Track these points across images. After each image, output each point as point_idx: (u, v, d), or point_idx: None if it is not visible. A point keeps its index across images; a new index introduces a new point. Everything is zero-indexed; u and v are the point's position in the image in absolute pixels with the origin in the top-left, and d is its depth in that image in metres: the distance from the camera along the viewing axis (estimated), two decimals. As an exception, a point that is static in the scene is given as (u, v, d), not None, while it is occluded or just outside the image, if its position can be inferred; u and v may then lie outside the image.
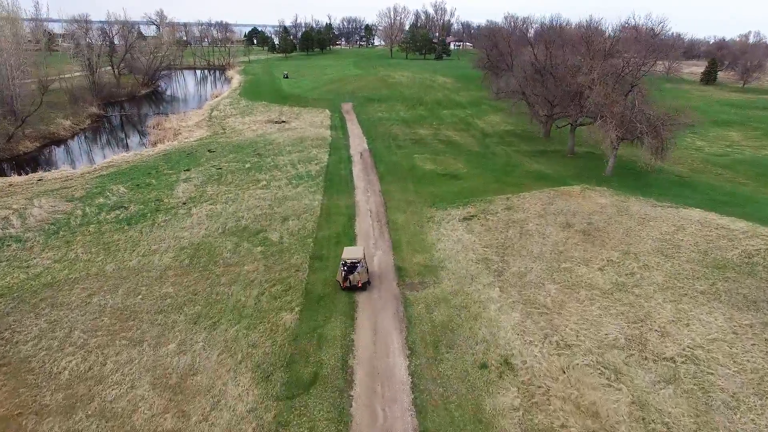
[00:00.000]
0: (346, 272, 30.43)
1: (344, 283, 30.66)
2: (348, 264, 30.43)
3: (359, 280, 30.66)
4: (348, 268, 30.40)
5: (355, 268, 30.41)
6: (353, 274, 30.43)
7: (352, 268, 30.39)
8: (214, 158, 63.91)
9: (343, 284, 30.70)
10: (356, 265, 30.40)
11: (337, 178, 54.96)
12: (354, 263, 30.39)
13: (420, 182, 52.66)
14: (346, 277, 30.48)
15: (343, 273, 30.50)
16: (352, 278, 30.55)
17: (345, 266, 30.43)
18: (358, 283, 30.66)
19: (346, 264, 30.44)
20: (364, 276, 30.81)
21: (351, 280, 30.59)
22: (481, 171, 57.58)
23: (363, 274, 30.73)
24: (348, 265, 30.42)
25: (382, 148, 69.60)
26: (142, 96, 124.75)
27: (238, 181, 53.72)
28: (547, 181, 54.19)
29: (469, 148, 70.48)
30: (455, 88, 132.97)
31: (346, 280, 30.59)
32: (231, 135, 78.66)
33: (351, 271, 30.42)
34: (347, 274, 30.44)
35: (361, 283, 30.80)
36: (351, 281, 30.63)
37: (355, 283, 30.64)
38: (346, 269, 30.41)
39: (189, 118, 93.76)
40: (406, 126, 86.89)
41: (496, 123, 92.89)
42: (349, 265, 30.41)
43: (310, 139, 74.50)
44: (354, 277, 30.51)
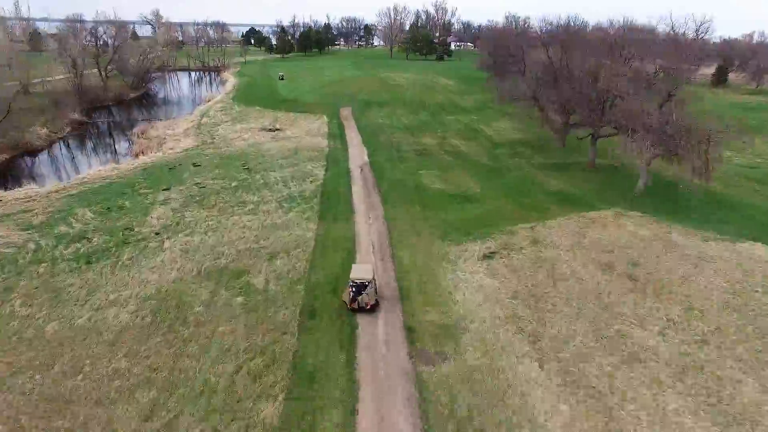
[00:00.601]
0: (355, 293, 27.96)
1: (352, 304, 28.25)
2: (357, 284, 27.86)
3: (368, 302, 28.19)
4: (357, 288, 27.87)
5: (365, 289, 27.88)
6: (362, 295, 27.95)
7: (362, 288, 27.87)
8: (199, 173, 56.89)
9: (351, 305, 28.30)
10: (366, 286, 27.87)
11: (334, 199, 47.97)
12: (363, 283, 27.88)
13: (428, 206, 45.69)
14: (354, 298, 28.06)
15: (352, 294, 28.01)
16: (360, 300, 28.05)
17: (354, 286, 27.89)
18: (366, 304, 28.19)
19: (355, 284, 27.89)
20: (372, 297, 28.39)
21: (359, 301, 28.08)
22: (496, 191, 50.62)
23: (372, 296, 28.34)
24: (357, 286, 27.87)
25: (384, 160, 62.60)
26: (131, 100, 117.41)
27: (222, 204, 46.72)
28: (572, 203, 47.30)
29: (479, 161, 63.49)
30: (458, 90, 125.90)
31: (355, 301, 28.13)
32: (220, 145, 71.57)
33: (360, 292, 27.94)
34: (356, 295, 28.00)
35: (370, 305, 28.33)
36: (359, 303, 28.12)
37: (363, 305, 28.14)
38: (354, 290, 27.90)
39: (177, 125, 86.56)
40: (409, 134, 79.86)
41: (505, 130, 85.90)
42: (359, 285, 27.87)
43: (305, 150, 67.46)
44: (363, 299, 28.03)
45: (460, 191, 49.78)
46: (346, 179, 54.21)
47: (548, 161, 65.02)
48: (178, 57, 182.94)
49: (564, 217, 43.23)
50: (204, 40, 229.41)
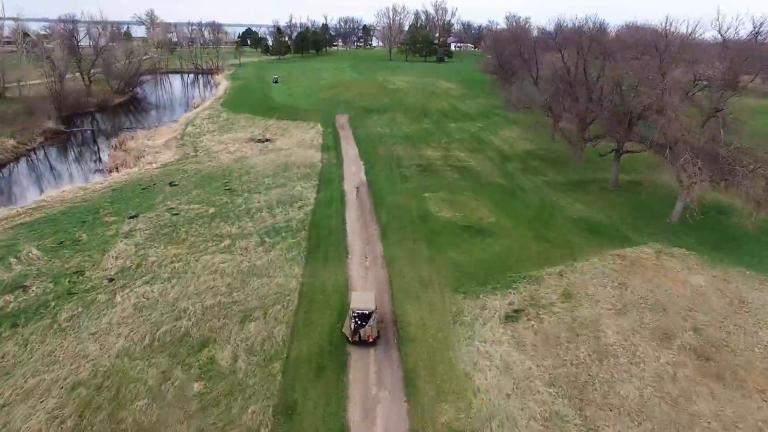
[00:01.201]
0: (357, 325, 25.63)
1: (353, 337, 25.86)
2: (359, 315, 25.58)
3: (370, 335, 25.83)
4: (359, 320, 25.57)
5: (368, 320, 25.55)
6: (364, 327, 25.58)
7: (364, 319, 25.56)
8: (175, 195, 49.67)
9: (352, 338, 25.88)
10: (369, 316, 25.57)
11: (325, 231, 40.74)
12: (366, 314, 25.58)
13: (436, 241, 38.47)
14: (356, 330, 25.69)
15: (353, 326, 25.70)
16: (362, 333, 25.64)
17: (356, 318, 25.63)
18: (368, 337, 25.84)
19: (357, 315, 25.61)
20: (375, 330, 26.01)
21: (362, 334, 25.66)
22: (512, 219, 43.44)
23: (374, 328, 25.95)
24: (359, 317, 25.58)
25: (383, 179, 55.37)
26: (116, 105, 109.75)
27: (194, 238, 39.51)
28: (601, 235, 40.16)
29: (490, 180, 56.28)
30: (461, 95, 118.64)
31: (356, 334, 25.74)
32: (203, 159, 64.29)
33: (362, 324, 25.61)
34: (358, 328, 25.66)
35: (372, 338, 25.90)
36: (361, 336, 25.70)
37: (365, 337, 25.79)
38: (357, 322, 25.61)
39: (159, 134, 79.21)
40: (411, 145, 72.61)
41: (513, 140, 78.73)
42: (361, 315, 25.56)
43: (296, 165, 60.20)
44: (365, 331, 25.70)
45: (471, 221, 42.55)
46: (340, 204, 46.97)
47: (565, 179, 57.87)
48: (170, 59, 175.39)
49: (596, 255, 36.07)
50: (200, 42, 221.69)
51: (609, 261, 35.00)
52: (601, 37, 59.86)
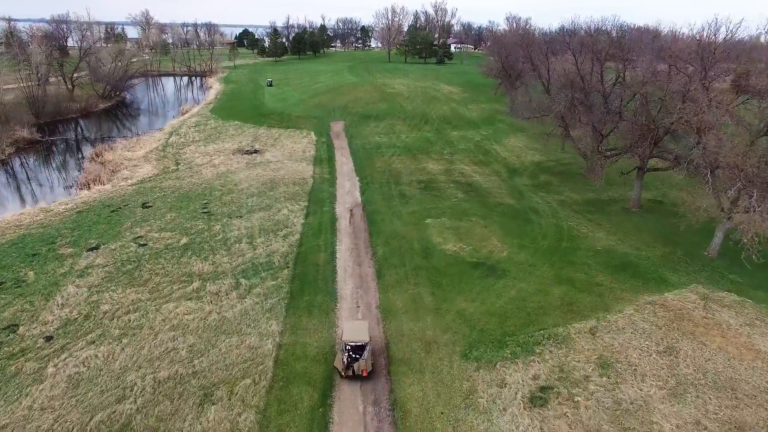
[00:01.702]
0: (350, 359, 23.48)
1: (346, 372, 23.58)
2: (352, 347, 23.61)
3: (364, 369, 23.54)
4: (353, 352, 23.57)
5: (362, 352, 23.56)
6: (358, 361, 23.38)
7: (358, 352, 23.58)
8: (146, 220, 43.69)
9: (345, 373, 23.59)
10: (363, 348, 23.65)
11: (312, 270, 34.69)
12: (360, 346, 23.63)
13: (441, 284, 32.45)
14: (349, 365, 23.44)
15: (346, 360, 23.51)
16: (356, 367, 23.42)
17: (349, 351, 23.61)
18: (363, 372, 23.56)
19: (350, 348, 23.62)
20: (369, 363, 23.70)
21: (355, 369, 23.42)
22: (528, 253, 37.43)
23: (369, 361, 23.66)
24: (352, 349, 23.62)
25: (380, 199, 49.36)
26: (101, 111, 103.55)
27: (159, 278, 33.51)
28: (633, 274, 34.18)
29: (498, 199, 50.32)
30: (463, 99, 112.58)
31: (349, 369, 23.49)
32: (184, 174, 58.24)
33: (356, 358, 23.50)
34: (351, 362, 23.46)
35: (367, 372, 23.60)
36: (355, 370, 23.46)
37: (359, 372, 23.54)
38: (350, 355, 23.52)
39: (140, 145, 73.12)
40: (410, 157, 66.64)
41: (520, 150, 72.81)
42: (354, 348, 23.62)
43: (284, 182, 54.17)
44: (359, 365, 23.47)
45: (481, 255, 36.53)
46: (331, 233, 40.95)
47: (581, 197, 51.95)
48: (162, 61, 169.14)
49: (631, 303, 30.09)
50: (195, 43, 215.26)
51: (648, 312, 29.02)
52: (622, 41, 53.90)
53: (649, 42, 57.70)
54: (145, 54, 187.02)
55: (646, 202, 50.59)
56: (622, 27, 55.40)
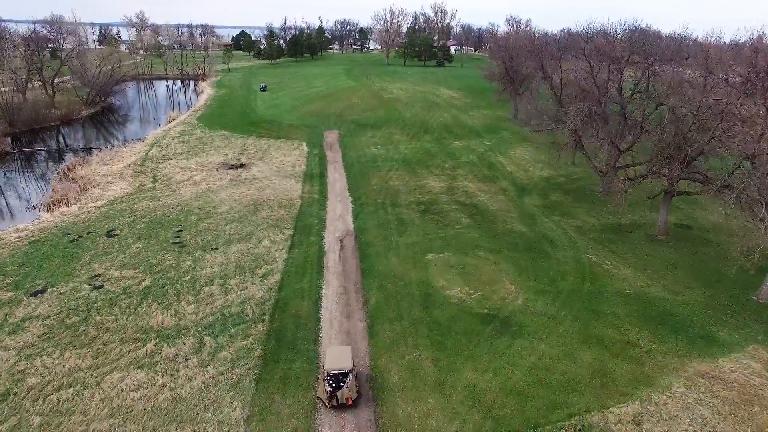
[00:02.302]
0: (333, 388, 21.72)
1: (330, 402, 21.64)
2: (333, 376, 21.96)
3: (348, 397, 21.70)
4: (334, 382, 21.86)
5: (345, 380, 21.95)
6: (342, 389, 21.65)
7: (340, 379, 21.90)
8: (108, 253, 37.95)
9: (329, 403, 21.67)
10: (346, 375, 22.10)
11: (291, 325, 28.88)
12: (343, 374, 22.06)
13: (445, 347, 26.62)
14: (332, 394, 21.63)
15: (329, 390, 21.68)
16: (340, 395, 21.63)
17: (329, 380, 21.91)
18: (347, 400, 21.67)
19: (332, 376, 21.97)
20: (353, 390, 21.96)
21: (339, 397, 21.61)
22: (546, 300, 31.63)
23: (353, 388, 21.93)
24: (333, 378, 21.93)
25: (375, 226, 43.58)
26: (84, 118, 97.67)
27: (108, 336, 27.75)
28: (674, 330, 28.44)
29: (508, 225, 44.57)
30: (464, 105, 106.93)
31: (333, 398, 21.63)
32: (160, 194, 52.47)
33: (339, 386, 21.78)
34: (334, 391, 21.70)
35: (351, 399, 21.70)
36: (339, 399, 21.61)
37: (343, 401, 21.63)
38: (332, 385, 21.78)
39: (118, 158, 67.30)
40: (409, 172, 60.92)
41: (527, 163, 67.12)
42: (335, 377, 21.95)
43: (269, 204, 48.41)
44: (343, 393, 21.67)
45: (492, 304, 30.74)
46: (317, 272, 35.15)
47: (599, 221, 46.24)
48: (155, 64, 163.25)
49: (680, 377, 24.31)
50: (189, 45, 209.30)
51: (704, 390, 23.27)
52: (645, 46, 48.18)
53: (675, 48, 51.91)
54: (139, 57, 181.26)
55: (672, 227, 44.91)
56: (645, 31, 49.65)
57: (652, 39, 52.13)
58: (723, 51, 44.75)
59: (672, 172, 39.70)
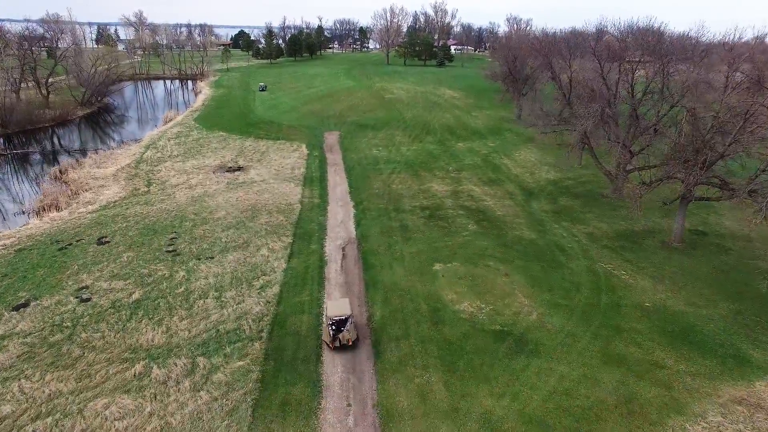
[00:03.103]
0: (335, 331, 25.21)
1: (333, 344, 25.26)
2: (336, 321, 25.26)
3: (349, 339, 25.39)
4: (336, 326, 25.23)
5: (345, 325, 25.29)
6: (342, 332, 25.21)
7: (341, 324, 25.27)
8: (97, 263, 35.85)
9: (332, 345, 25.29)
10: (346, 321, 25.37)
11: (291, 344, 26.82)
12: (343, 320, 25.31)
13: (457, 368, 24.57)
14: (335, 336, 25.22)
15: (332, 332, 25.20)
16: (341, 337, 25.23)
17: (333, 324, 25.26)
18: (348, 341, 25.38)
19: (334, 321, 25.28)
20: (353, 333, 25.74)
21: (341, 339, 25.23)
22: (562, 315, 29.59)
23: (352, 332, 25.64)
24: (336, 323, 25.26)
25: (378, 233, 41.51)
26: (80, 119, 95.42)
27: (94, 356, 25.64)
28: (700, 347, 26.42)
29: (517, 232, 42.52)
30: (466, 105, 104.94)
31: (336, 340, 25.24)
32: (154, 199, 50.37)
33: (340, 330, 25.25)
34: (336, 333, 25.23)
35: (351, 341, 25.47)
36: (341, 341, 25.25)
37: (345, 342, 25.33)
38: (334, 328, 25.23)
39: (113, 160, 65.15)
40: (412, 174, 58.88)
41: (533, 165, 65.13)
42: (338, 322, 25.26)
43: (267, 210, 46.36)
44: (344, 336, 25.26)
45: (505, 320, 28.70)
46: (318, 284, 33.08)
47: (611, 228, 44.19)
48: (153, 63, 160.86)
49: (714, 403, 22.26)
50: (188, 45, 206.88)
51: (742, 420, 21.24)
52: (658, 45, 46.04)
53: (690, 46, 49.87)
54: (136, 56, 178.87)
55: (687, 233, 42.88)
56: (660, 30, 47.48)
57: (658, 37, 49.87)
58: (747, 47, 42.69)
59: (690, 176, 37.70)
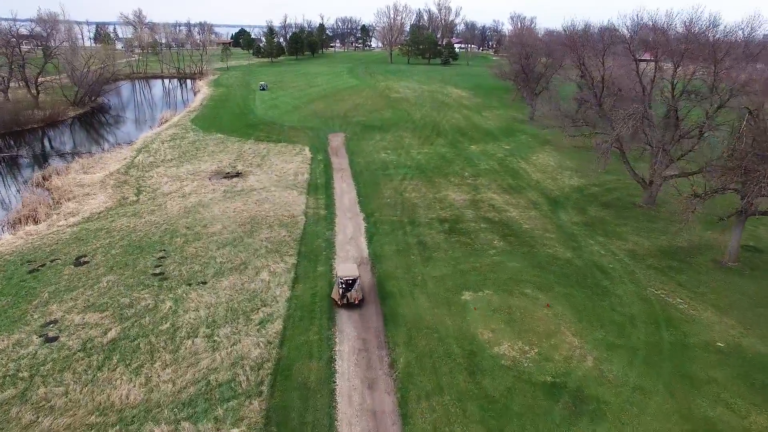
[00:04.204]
0: (344, 290, 27.52)
1: (341, 301, 27.62)
2: (344, 282, 27.46)
3: (356, 297, 27.70)
4: (345, 285, 27.48)
5: (353, 286, 27.65)
6: (351, 291, 27.56)
7: (350, 285, 27.57)
8: (71, 289, 30.63)
9: (341, 302, 27.61)
10: (354, 282, 27.70)
11: (297, 402, 21.50)
12: (351, 281, 27.58)
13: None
14: (344, 294, 27.56)
15: (341, 291, 27.53)
16: (349, 296, 27.58)
17: (343, 284, 27.50)
18: (355, 300, 27.64)
19: (344, 281, 27.49)
20: (359, 293, 28.03)
21: (349, 297, 27.59)
22: (622, 359, 24.29)
23: (359, 291, 27.99)
24: (345, 283, 27.48)
25: (394, 254, 36.11)
26: (72, 119, 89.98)
27: (49, 422, 20.36)
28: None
29: (550, 250, 37.14)
30: (475, 105, 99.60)
31: (344, 298, 27.57)
32: (143, 209, 45.10)
33: (349, 289, 27.60)
34: (345, 292, 27.56)
35: (358, 299, 27.78)
36: (348, 299, 27.59)
37: (352, 300, 27.60)
38: (344, 287, 27.51)
39: (102, 164, 59.83)
40: (426, 181, 53.60)
41: (554, 170, 59.81)
42: (347, 282, 27.49)
43: (268, 222, 41.09)
44: (351, 295, 27.58)
45: (556, 367, 23.44)
46: (328, 318, 27.71)
47: (652, 244, 38.90)
48: (151, 62, 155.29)
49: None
50: (187, 43, 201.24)
51: None
52: (708, 38, 40.60)
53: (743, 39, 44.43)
54: (135, 55, 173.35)
55: (752, 258, 37.57)
56: (714, 22, 42.02)
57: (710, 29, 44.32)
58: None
59: (753, 188, 32.41)
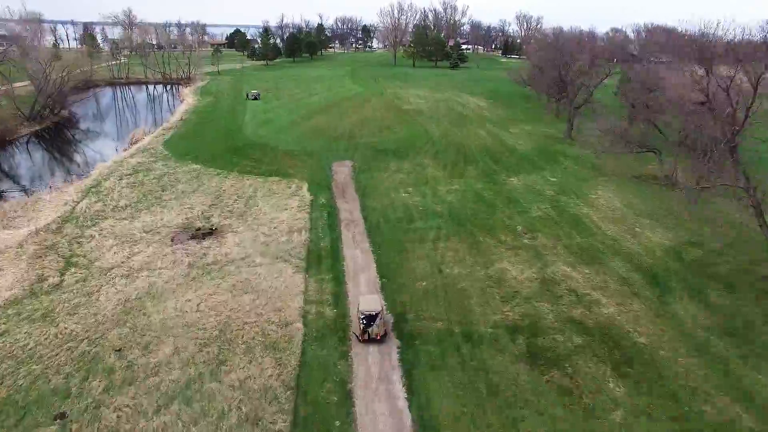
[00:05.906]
0: (366, 325, 25.36)
1: (363, 336, 25.56)
2: (367, 316, 25.37)
3: (378, 333, 25.66)
4: (367, 320, 25.31)
5: (375, 320, 25.38)
6: (372, 326, 25.31)
7: (372, 319, 25.42)
8: None
9: (362, 337, 25.60)
10: (376, 317, 25.46)
11: None
12: (373, 315, 25.43)
13: None
14: (365, 330, 25.45)
15: (362, 326, 25.40)
16: (371, 331, 25.44)
17: (364, 318, 25.35)
18: (377, 335, 25.63)
19: (365, 316, 25.38)
20: (382, 328, 25.90)
21: (370, 333, 25.42)
22: None
23: (381, 327, 25.85)
24: (367, 317, 25.37)
25: (451, 417, 21.04)
26: (26, 137, 74.00)
27: None
28: None
29: (702, 403, 22.03)
30: (498, 118, 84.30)
31: (365, 333, 25.50)
32: (62, 305, 29.59)
33: (370, 324, 25.43)
34: (366, 327, 25.43)
35: (380, 335, 25.72)
36: (370, 334, 25.47)
37: (374, 336, 25.56)
38: (365, 322, 25.26)
39: (32, 213, 43.97)
40: (468, 242, 38.34)
41: (626, 217, 44.62)
42: (369, 316, 25.39)
43: (245, 338, 25.73)
44: (373, 330, 25.50)
45: None
46: None
47: None
48: (133, 66, 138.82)
49: None
50: (180, 45, 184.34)
51: None
52: None
53: None
54: (123, 57, 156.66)
55: None
56: None
57: None
58: None
59: None
